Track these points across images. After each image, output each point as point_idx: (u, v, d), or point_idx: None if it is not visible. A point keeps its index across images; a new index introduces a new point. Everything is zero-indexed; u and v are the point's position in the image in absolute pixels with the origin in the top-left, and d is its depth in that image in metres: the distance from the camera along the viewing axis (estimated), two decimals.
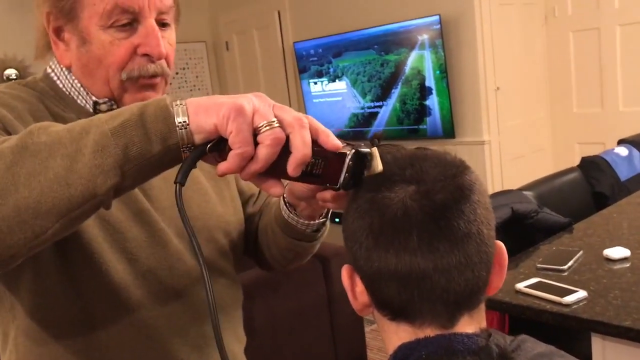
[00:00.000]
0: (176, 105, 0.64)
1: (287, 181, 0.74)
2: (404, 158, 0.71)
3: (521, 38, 3.98)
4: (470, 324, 0.69)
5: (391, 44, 4.00)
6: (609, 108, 4.02)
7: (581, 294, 1.43)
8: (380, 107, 4.16)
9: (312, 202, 0.85)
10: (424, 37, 3.79)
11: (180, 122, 0.63)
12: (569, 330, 1.49)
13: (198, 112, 0.64)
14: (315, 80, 4.49)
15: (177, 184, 0.66)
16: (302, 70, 4.55)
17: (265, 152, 0.64)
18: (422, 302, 0.66)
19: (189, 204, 0.93)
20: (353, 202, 0.70)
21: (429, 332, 0.68)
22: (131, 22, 0.86)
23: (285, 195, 0.93)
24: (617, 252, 1.65)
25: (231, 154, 0.64)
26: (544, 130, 4.26)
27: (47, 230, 0.63)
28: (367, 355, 2.62)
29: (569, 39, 4.09)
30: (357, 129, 4.34)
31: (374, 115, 4.22)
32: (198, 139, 0.65)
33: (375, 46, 4.08)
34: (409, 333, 0.69)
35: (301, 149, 0.64)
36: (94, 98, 0.90)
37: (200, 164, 0.92)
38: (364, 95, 4.25)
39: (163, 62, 0.89)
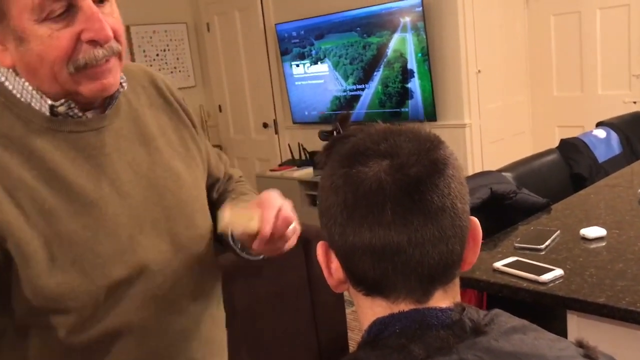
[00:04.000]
0: None
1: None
2: (378, 133, 0.70)
3: (502, 21, 3.99)
4: (445, 299, 0.69)
5: (373, 26, 3.98)
6: (589, 91, 4.05)
7: (557, 272, 1.45)
8: (363, 90, 4.16)
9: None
10: (406, 19, 3.78)
11: None
12: (545, 309, 1.51)
13: None
14: (297, 62, 4.47)
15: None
16: (284, 52, 4.52)
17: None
18: (397, 276, 0.66)
19: (162, 193, 0.93)
20: (327, 179, 0.70)
21: (404, 306, 0.68)
22: (67, 8, 0.78)
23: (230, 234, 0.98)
24: (593, 231, 1.68)
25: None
26: (524, 113, 4.28)
27: None
28: (348, 336, 2.63)
29: (550, 23, 4.11)
30: (339, 112, 4.33)
31: (356, 98, 4.21)
32: None
33: (358, 28, 4.06)
34: (383, 308, 0.69)
35: None
36: (49, 101, 0.84)
37: (168, 131, 1.00)
38: (346, 77, 4.23)
39: (112, 41, 0.83)
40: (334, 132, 0.78)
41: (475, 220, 0.71)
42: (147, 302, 0.89)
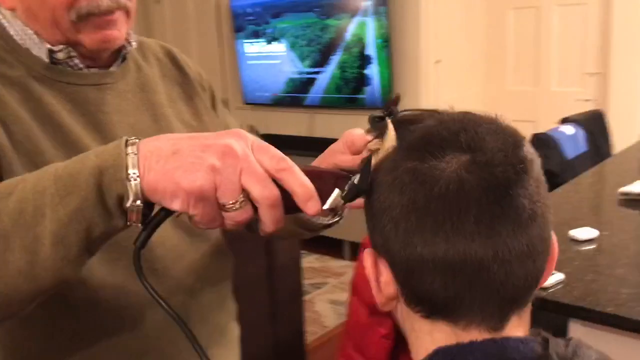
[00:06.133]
0: (132, 179, 0.54)
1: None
2: (454, 121, 0.58)
3: (462, 11, 3.95)
4: (519, 326, 0.59)
5: (333, 8, 3.85)
6: (542, 87, 4.08)
7: (558, 276, 1.38)
8: (319, 73, 4.02)
9: None
10: (368, 3, 3.66)
11: (138, 204, 0.55)
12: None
13: (156, 191, 0.54)
14: (252, 40, 4.27)
15: (137, 248, 0.59)
16: (238, 29, 4.31)
17: (232, 228, 0.57)
18: (474, 299, 0.55)
19: None
20: (389, 173, 0.57)
21: (476, 335, 0.56)
22: None
23: None
24: (584, 233, 1.62)
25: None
26: (479, 106, 4.26)
27: (24, 310, 0.60)
28: (305, 330, 2.53)
29: (509, 16, 4.10)
30: (294, 94, 4.18)
31: (311, 81, 4.07)
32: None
33: (317, 9, 3.92)
34: (447, 334, 0.57)
35: (270, 226, 0.57)
36: (47, 45, 0.78)
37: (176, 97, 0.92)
38: (302, 59, 4.08)
39: None
40: (387, 116, 0.65)
41: (553, 233, 0.61)
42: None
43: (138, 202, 0.54)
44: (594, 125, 2.88)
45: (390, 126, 0.61)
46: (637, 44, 3.68)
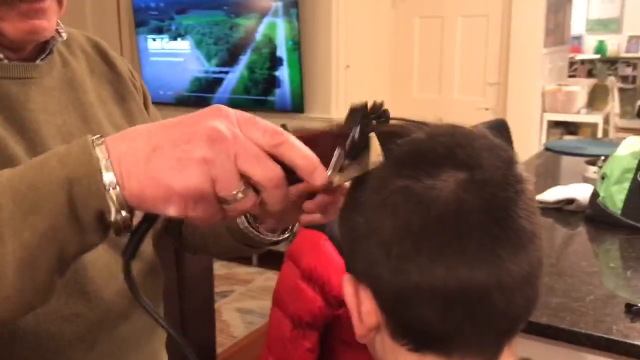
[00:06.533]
0: (111, 188, 0.46)
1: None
2: (445, 135, 0.54)
3: (370, 18, 3.98)
4: (510, 356, 0.56)
5: (243, 7, 3.74)
6: (446, 95, 4.20)
7: None
8: (227, 73, 3.89)
9: (284, 216, 0.69)
10: (279, 4, 3.59)
11: (124, 215, 0.47)
12: None
13: (143, 199, 0.46)
14: (154, 36, 4.07)
15: (126, 261, 0.52)
16: (140, 24, 4.10)
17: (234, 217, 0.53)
18: (473, 330, 0.51)
19: None
20: (376, 192, 0.52)
21: None
22: None
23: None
24: None
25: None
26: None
27: None
28: (216, 343, 2.42)
29: (415, 25, 4.18)
30: (200, 94, 4.03)
31: (219, 81, 3.94)
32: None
33: (225, 7, 3.80)
34: None
35: (276, 206, 0.50)
36: None
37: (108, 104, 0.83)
38: (209, 58, 3.94)
39: None
40: (375, 119, 0.58)
41: None
42: (75, 297, 0.72)
43: (123, 212, 0.47)
44: (500, 133, 2.97)
45: (375, 139, 0.55)
46: (533, 56, 3.88)
